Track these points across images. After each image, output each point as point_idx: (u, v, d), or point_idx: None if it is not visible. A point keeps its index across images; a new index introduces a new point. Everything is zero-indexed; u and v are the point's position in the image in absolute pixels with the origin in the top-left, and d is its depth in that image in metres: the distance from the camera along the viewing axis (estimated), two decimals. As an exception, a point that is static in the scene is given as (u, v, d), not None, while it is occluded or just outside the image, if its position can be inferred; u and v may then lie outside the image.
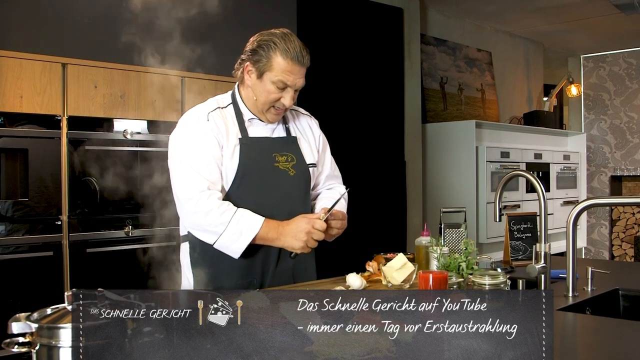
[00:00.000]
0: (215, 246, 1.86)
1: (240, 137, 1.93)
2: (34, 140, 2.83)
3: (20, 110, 2.80)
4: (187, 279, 1.99)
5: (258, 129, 1.98)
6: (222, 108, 1.96)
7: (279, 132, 2.03)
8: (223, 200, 1.91)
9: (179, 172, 1.89)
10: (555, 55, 7.51)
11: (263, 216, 1.91)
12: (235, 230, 1.82)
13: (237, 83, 2.02)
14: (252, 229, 1.83)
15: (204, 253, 1.92)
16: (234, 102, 1.99)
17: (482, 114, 6.04)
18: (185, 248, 2.00)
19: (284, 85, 1.88)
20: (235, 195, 1.90)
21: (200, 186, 1.84)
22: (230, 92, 2.04)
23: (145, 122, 3.20)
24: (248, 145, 1.93)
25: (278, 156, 1.97)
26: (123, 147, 3.10)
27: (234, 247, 1.84)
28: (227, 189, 1.91)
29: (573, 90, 7.11)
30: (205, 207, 1.82)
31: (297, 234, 1.83)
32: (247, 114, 1.97)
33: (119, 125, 3.11)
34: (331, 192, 2.17)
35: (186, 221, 1.91)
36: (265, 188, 1.93)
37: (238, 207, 1.87)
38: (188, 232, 1.97)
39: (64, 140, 2.92)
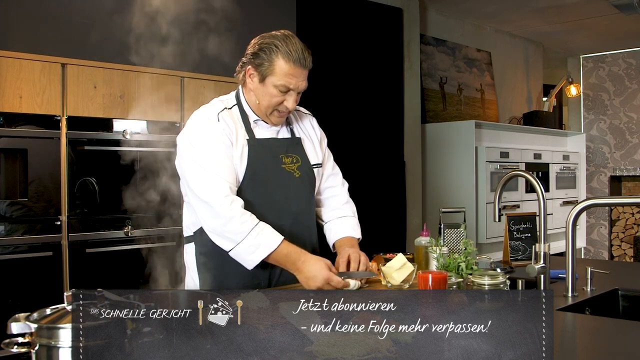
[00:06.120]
0: (230, 254, 1.84)
1: (247, 138, 1.92)
2: (34, 140, 2.83)
3: (20, 111, 2.80)
4: (192, 280, 1.98)
5: (263, 131, 1.98)
6: (228, 109, 1.95)
7: (284, 133, 2.03)
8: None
9: (197, 175, 1.85)
10: (554, 56, 7.52)
11: (269, 217, 1.89)
12: (253, 242, 1.79)
13: (240, 84, 2.01)
14: (270, 245, 1.80)
15: (210, 255, 1.92)
16: (239, 103, 1.98)
17: (481, 114, 6.04)
18: (190, 249, 1.99)
19: (287, 89, 1.86)
20: (243, 196, 1.89)
21: (223, 190, 1.81)
22: (234, 93, 2.02)
23: (145, 122, 3.20)
24: (255, 146, 1.93)
25: (284, 157, 1.97)
26: (122, 147, 3.10)
27: (249, 258, 1.82)
28: (234, 190, 1.91)
29: (572, 91, 7.11)
30: (228, 214, 1.79)
31: (309, 281, 1.81)
32: (252, 116, 1.97)
33: (118, 125, 3.11)
34: (342, 221, 2.14)
35: (206, 224, 1.87)
36: (272, 189, 1.93)
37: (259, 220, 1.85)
38: (193, 232, 1.96)
39: (64, 140, 2.92)
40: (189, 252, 2.00)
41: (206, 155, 1.86)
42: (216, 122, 1.89)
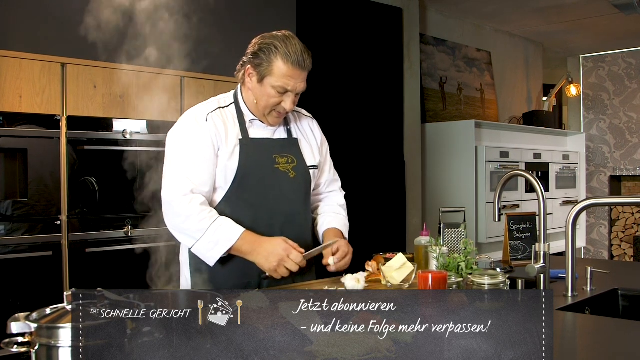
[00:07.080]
0: (192, 251, 1.88)
1: (240, 137, 1.93)
2: (34, 140, 2.83)
3: (20, 110, 2.80)
4: (185, 278, 2.00)
5: (259, 130, 1.98)
6: (223, 108, 1.96)
7: (280, 133, 2.03)
8: (222, 200, 1.91)
9: (167, 172, 1.90)
10: (554, 55, 7.51)
11: (261, 216, 1.90)
12: (211, 239, 1.82)
13: (239, 83, 2.02)
14: (229, 240, 1.82)
15: None
16: (236, 102, 1.98)
17: (481, 114, 6.04)
18: (184, 247, 2.00)
19: (285, 90, 1.86)
20: (235, 196, 1.90)
21: (183, 189, 1.84)
22: (232, 92, 2.03)
23: (145, 122, 3.20)
24: (248, 146, 1.93)
25: (278, 157, 1.97)
26: (122, 147, 3.10)
27: (208, 255, 1.85)
28: (226, 189, 1.91)
29: (572, 90, 7.11)
30: (185, 212, 1.82)
31: (269, 257, 1.81)
32: (248, 115, 1.97)
33: (118, 125, 3.11)
34: (336, 216, 2.15)
35: (167, 222, 1.91)
36: (264, 189, 1.93)
37: (222, 214, 1.86)
38: None
39: (63, 140, 2.92)
40: (183, 250, 2.02)
41: (177, 154, 1.88)
42: (203, 123, 1.89)
